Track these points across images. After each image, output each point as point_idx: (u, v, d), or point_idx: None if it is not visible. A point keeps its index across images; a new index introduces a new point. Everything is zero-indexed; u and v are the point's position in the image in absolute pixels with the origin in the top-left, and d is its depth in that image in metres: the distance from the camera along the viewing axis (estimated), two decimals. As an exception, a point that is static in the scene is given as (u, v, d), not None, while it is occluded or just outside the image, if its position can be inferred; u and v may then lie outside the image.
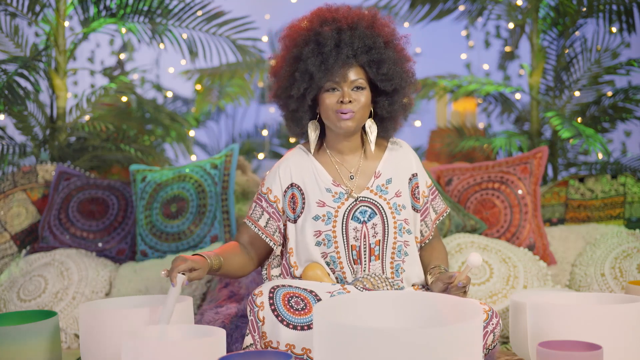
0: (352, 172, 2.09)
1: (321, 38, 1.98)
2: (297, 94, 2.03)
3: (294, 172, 2.10)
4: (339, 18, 2.01)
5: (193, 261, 1.87)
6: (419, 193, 2.13)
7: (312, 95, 2.03)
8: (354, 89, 2.01)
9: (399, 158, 2.14)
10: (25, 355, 1.99)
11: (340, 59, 1.97)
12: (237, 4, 3.97)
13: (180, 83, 5.04)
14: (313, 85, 2.01)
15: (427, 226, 2.17)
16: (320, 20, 2.02)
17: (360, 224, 2.03)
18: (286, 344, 1.84)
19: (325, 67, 1.97)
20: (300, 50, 2.01)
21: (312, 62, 1.98)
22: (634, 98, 3.53)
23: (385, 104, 2.06)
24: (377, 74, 2.01)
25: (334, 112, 2.00)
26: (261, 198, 2.11)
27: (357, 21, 2.00)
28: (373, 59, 2.00)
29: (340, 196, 2.05)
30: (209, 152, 5.75)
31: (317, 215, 2.04)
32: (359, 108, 2.01)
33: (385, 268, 2.04)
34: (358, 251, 2.03)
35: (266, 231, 2.08)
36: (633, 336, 1.84)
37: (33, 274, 2.89)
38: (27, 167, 3.34)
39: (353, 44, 1.97)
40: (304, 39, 2.01)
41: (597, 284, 2.69)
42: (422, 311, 1.73)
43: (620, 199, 3.08)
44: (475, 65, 5.59)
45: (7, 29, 3.55)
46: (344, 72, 1.99)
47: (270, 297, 1.88)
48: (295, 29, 2.05)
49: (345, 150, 2.10)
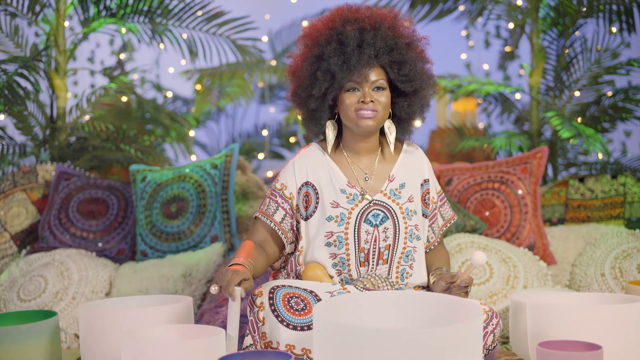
0: (367, 174, 2.08)
1: (344, 37, 1.97)
2: (318, 93, 2.01)
3: (310, 170, 2.07)
4: (361, 18, 2.00)
5: (243, 272, 1.80)
6: (429, 199, 2.13)
7: (334, 95, 2.02)
8: (374, 89, 2.00)
9: (413, 162, 2.13)
10: (25, 355, 1.99)
11: (363, 59, 1.96)
12: (237, 4, 3.97)
13: (180, 83, 5.04)
14: (335, 85, 2.00)
15: (433, 232, 2.17)
16: (342, 19, 2.01)
17: (372, 227, 2.02)
18: (286, 344, 1.84)
19: (348, 67, 1.97)
20: (322, 49, 2.00)
21: (334, 62, 1.97)
22: (634, 98, 3.53)
23: (404, 104, 2.05)
24: (398, 75, 2.01)
25: (355, 112, 1.99)
26: (276, 194, 2.07)
27: (380, 22, 1.99)
28: (395, 59, 1.99)
29: (355, 198, 2.04)
30: (209, 152, 5.76)
31: (330, 216, 2.02)
32: (380, 108, 2.00)
33: (392, 272, 2.04)
34: (366, 254, 2.02)
35: (282, 227, 2.05)
36: (633, 336, 1.84)
37: (33, 274, 2.89)
38: (27, 167, 3.34)
39: (375, 45, 1.97)
40: (326, 38, 2.00)
41: (597, 284, 2.69)
42: (422, 311, 1.73)
43: (620, 199, 3.08)
44: (475, 65, 5.59)
45: (7, 29, 3.55)
46: (365, 72, 1.98)
47: (270, 297, 1.87)
48: (317, 28, 2.03)
49: (362, 152, 2.09)
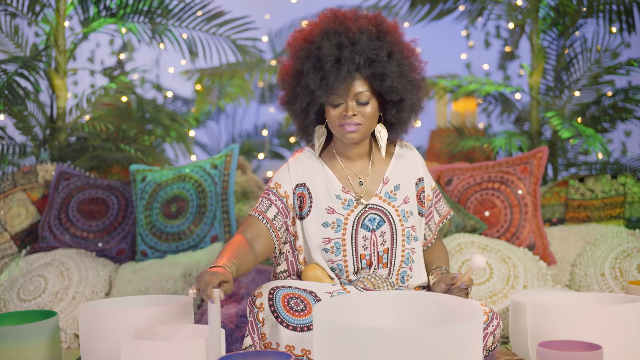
0: (361, 178, 2.08)
1: (321, 54, 1.94)
2: (299, 107, 2.01)
3: (305, 173, 2.07)
4: (341, 30, 1.96)
5: (222, 274, 1.72)
6: (424, 197, 2.12)
7: (315, 110, 2.01)
8: (357, 102, 1.98)
9: (407, 163, 2.12)
10: (25, 355, 1.99)
11: (341, 75, 1.93)
12: (237, 4, 3.97)
13: (180, 83, 5.04)
14: (315, 101, 1.99)
15: (430, 230, 2.17)
16: (321, 32, 1.97)
17: (369, 232, 2.02)
18: (286, 345, 1.84)
19: (326, 84, 1.94)
20: (301, 64, 1.98)
21: (312, 79, 1.95)
22: (634, 98, 3.53)
23: (393, 111, 2.03)
24: (381, 86, 1.97)
25: (338, 126, 1.99)
26: (269, 192, 2.06)
27: (360, 34, 1.95)
28: (376, 72, 1.96)
29: (350, 203, 2.03)
30: (209, 152, 5.75)
31: (326, 222, 2.02)
32: (364, 120, 1.98)
33: (393, 275, 2.04)
34: (368, 259, 2.02)
35: (273, 225, 2.02)
36: (633, 336, 1.84)
37: (33, 274, 2.89)
38: (27, 167, 3.34)
39: (354, 60, 1.93)
40: (305, 53, 1.97)
41: (597, 284, 2.69)
42: (422, 311, 1.73)
43: (620, 199, 3.08)
44: (475, 65, 5.59)
45: (7, 29, 3.55)
46: (345, 87, 1.95)
47: (270, 298, 1.87)
48: (298, 41, 2.01)
49: (354, 157, 2.08)
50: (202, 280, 1.70)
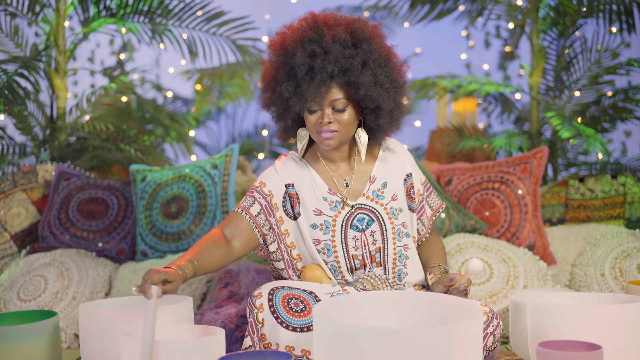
0: (347, 179, 2.08)
1: (294, 62, 1.93)
2: (276, 113, 2.03)
3: (292, 175, 2.08)
4: (315, 39, 1.94)
5: (166, 273, 1.74)
6: (414, 193, 2.12)
7: (292, 116, 2.01)
8: (334, 108, 1.97)
9: (393, 160, 2.12)
10: (25, 355, 1.99)
11: (314, 84, 1.92)
12: (237, 4, 3.97)
13: (180, 83, 5.04)
14: (290, 108, 1.99)
15: (423, 224, 2.17)
16: (297, 39, 1.96)
17: (359, 232, 2.02)
18: (285, 345, 1.84)
19: (299, 92, 1.94)
20: (277, 71, 1.98)
21: (285, 87, 1.95)
22: (634, 98, 3.53)
23: (372, 117, 2.02)
24: (356, 94, 1.96)
25: (315, 132, 1.99)
26: (253, 190, 2.07)
27: (333, 43, 1.93)
28: (350, 80, 1.94)
29: (337, 205, 2.04)
30: (209, 152, 5.75)
31: (314, 224, 2.03)
32: (341, 127, 1.97)
33: (388, 274, 2.04)
34: (361, 259, 2.02)
35: (257, 221, 2.03)
36: (633, 336, 1.84)
37: (33, 274, 2.89)
38: (27, 167, 3.34)
39: (326, 69, 1.92)
40: (281, 60, 1.97)
41: (597, 284, 2.69)
42: (422, 311, 1.73)
43: (620, 199, 3.08)
44: (475, 65, 5.59)
45: (7, 29, 3.55)
46: (320, 95, 1.94)
47: (270, 298, 1.87)
48: (274, 47, 2.00)
49: (337, 159, 2.09)
50: (144, 277, 1.73)
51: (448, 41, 5.56)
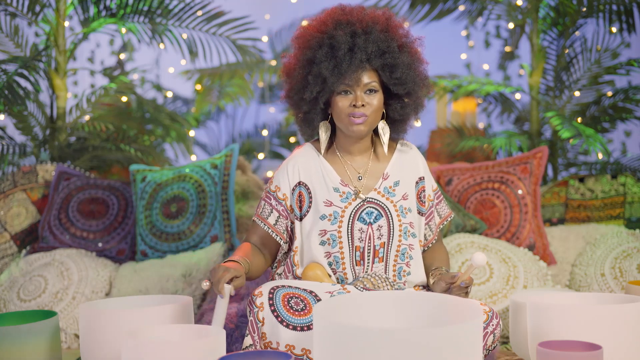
0: (361, 173, 2.09)
1: (335, 42, 1.97)
2: (309, 96, 2.02)
3: (302, 171, 2.09)
4: (353, 21, 2.00)
5: (235, 270, 1.83)
6: (424, 197, 2.13)
7: (325, 98, 2.02)
8: (366, 92, 2.00)
9: (408, 161, 2.14)
10: (25, 355, 1.99)
11: (354, 63, 1.96)
12: (237, 4, 3.97)
13: (180, 83, 5.04)
14: (326, 89, 2.00)
15: (431, 230, 2.17)
16: (334, 22, 2.00)
17: (366, 225, 2.03)
18: (286, 344, 1.84)
19: (339, 71, 1.96)
20: (313, 53, 2.00)
21: (325, 66, 1.97)
22: (634, 98, 3.53)
23: (397, 107, 2.05)
24: (391, 77, 2.00)
25: (347, 116, 2.00)
26: (270, 196, 2.10)
27: (372, 24, 1.99)
28: (387, 62, 1.99)
29: (348, 196, 2.05)
30: (209, 152, 5.75)
31: (323, 215, 2.03)
32: (372, 112, 2.00)
33: (388, 271, 2.04)
34: (362, 252, 2.03)
35: (276, 229, 2.08)
36: (633, 336, 1.84)
37: (33, 274, 2.89)
38: (27, 167, 3.34)
39: (367, 48, 1.96)
40: (318, 42, 2.00)
41: (597, 284, 2.69)
42: (422, 311, 1.73)
43: (620, 199, 3.08)
44: (475, 65, 5.59)
45: (7, 29, 3.55)
46: (357, 76, 1.98)
47: (270, 297, 1.87)
48: (309, 31, 2.03)
49: (355, 152, 2.10)
50: (215, 275, 1.82)
51: (448, 41, 5.56)
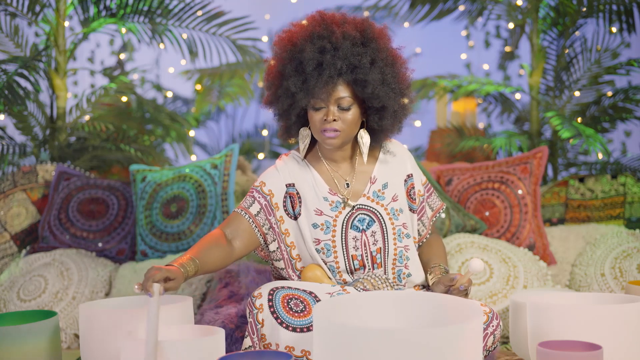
0: (348, 180, 2.08)
1: (303, 57, 1.93)
2: (280, 109, 2.02)
3: (292, 175, 2.08)
4: (325, 35, 1.94)
5: (168, 270, 1.74)
6: (414, 193, 2.12)
7: (297, 112, 2.01)
8: (339, 106, 1.97)
9: (394, 161, 2.12)
10: (25, 355, 1.99)
11: (322, 80, 1.92)
12: (237, 4, 3.97)
13: (180, 83, 5.04)
14: (296, 104, 1.98)
15: (424, 225, 2.17)
16: (306, 35, 1.96)
17: (359, 232, 2.02)
18: (285, 346, 1.84)
19: (307, 88, 1.94)
20: (284, 66, 1.97)
21: (293, 82, 1.94)
22: (634, 98, 3.53)
23: (375, 118, 2.02)
24: (363, 92, 1.96)
25: (319, 131, 1.98)
26: (253, 190, 2.08)
27: (343, 39, 1.93)
28: (358, 78, 1.94)
29: (337, 205, 2.04)
30: (209, 152, 5.75)
31: (315, 224, 2.03)
32: (345, 126, 1.97)
33: (388, 275, 2.04)
34: (360, 260, 2.02)
35: (257, 220, 2.04)
36: (633, 336, 1.84)
37: (33, 274, 2.89)
38: (27, 167, 3.34)
39: (335, 65, 1.92)
40: (288, 55, 1.97)
41: (597, 284, 2.69)
42: (422, 311, 1.73)
43: (620, 199, 3.08)
44: (475, 65, 5.59)
45: (7, 29, 3.55)
46: (327, 91, 1.94)
47: (270, 299, 1.87)
48: (283, 41, 2.00)
49: (338, 159, 2.09)
50: (146, 275, 1.72)
51: (448, 41, 5.56)
